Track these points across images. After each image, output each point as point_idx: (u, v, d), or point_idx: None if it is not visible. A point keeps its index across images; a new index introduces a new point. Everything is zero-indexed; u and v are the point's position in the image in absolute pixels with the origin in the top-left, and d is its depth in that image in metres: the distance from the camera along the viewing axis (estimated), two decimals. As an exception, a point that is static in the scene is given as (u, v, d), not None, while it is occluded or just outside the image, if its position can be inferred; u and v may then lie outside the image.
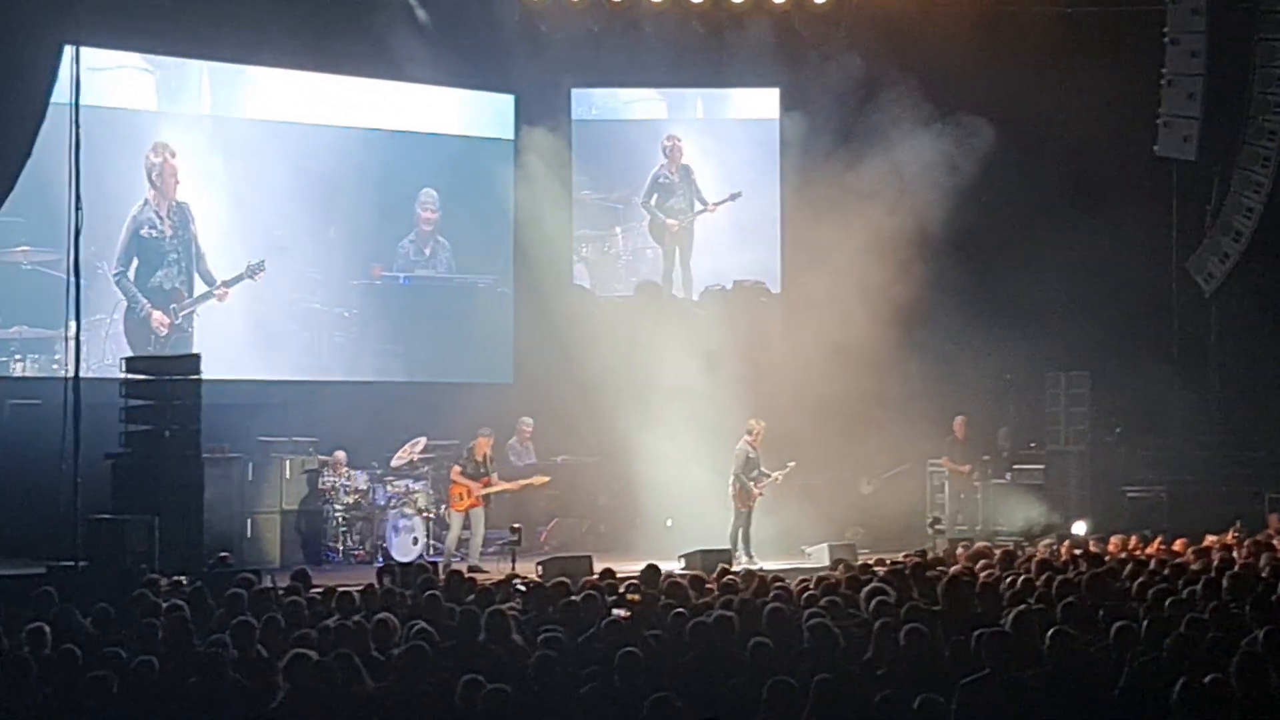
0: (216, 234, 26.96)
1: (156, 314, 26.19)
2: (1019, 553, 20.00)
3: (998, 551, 19.52)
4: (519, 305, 28.75)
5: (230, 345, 26.07)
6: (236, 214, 26.98)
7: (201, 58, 26.07)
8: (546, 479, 25.15)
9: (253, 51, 25.79)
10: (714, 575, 16.83)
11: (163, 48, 25.37)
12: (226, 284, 26.73)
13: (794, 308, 27.40)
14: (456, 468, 23.51)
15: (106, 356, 25.26)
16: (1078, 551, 19.92)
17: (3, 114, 19.76)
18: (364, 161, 28.61)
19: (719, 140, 30.05)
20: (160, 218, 26.45)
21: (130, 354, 23.79)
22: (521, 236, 28.73)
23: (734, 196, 29.50)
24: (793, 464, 24.31)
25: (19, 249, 24.99)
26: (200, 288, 26.79)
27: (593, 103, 30.23)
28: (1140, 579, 15.29)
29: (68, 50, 20.46)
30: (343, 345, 28.30)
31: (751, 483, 23.84)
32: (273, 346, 27.25)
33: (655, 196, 30.09)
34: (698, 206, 29.93)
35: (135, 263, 26.26)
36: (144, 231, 26.28)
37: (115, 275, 25.98)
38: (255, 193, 27.04)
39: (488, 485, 23.44)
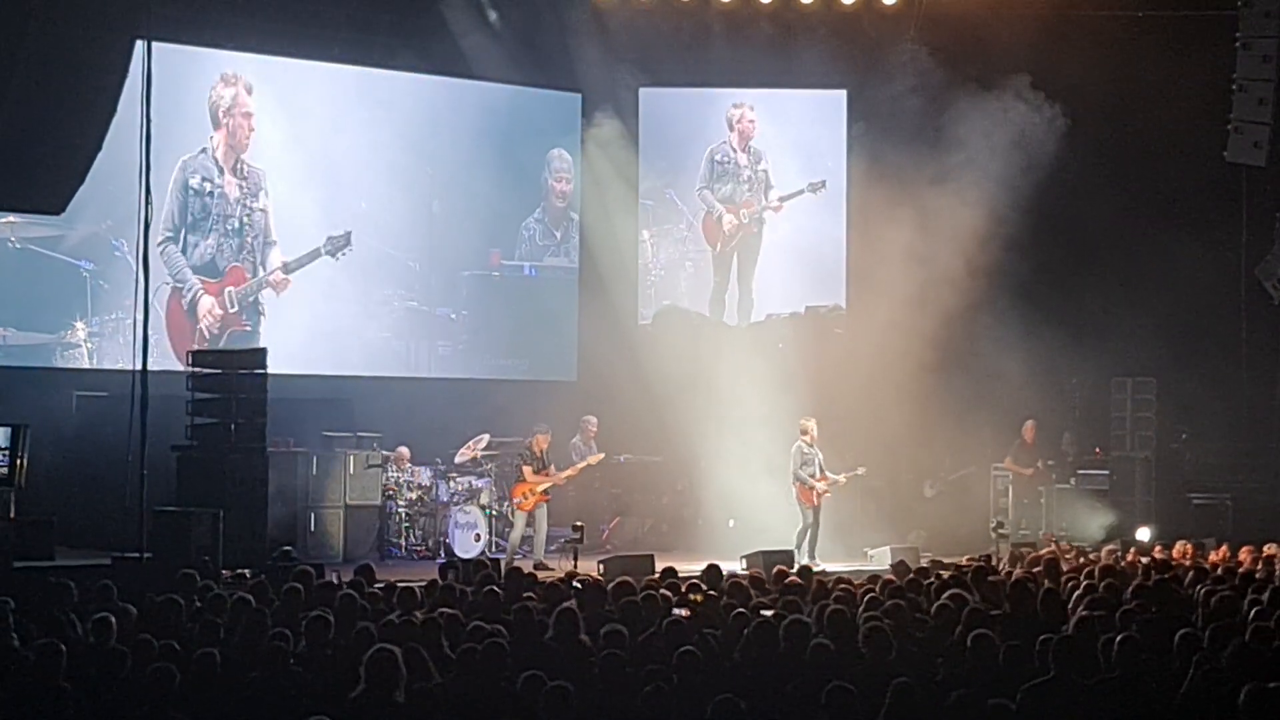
0: (282, 205, 24.32)
1: (207, 300, 23.66)
2: (1082, 558, 19.91)
3: (1061, 556, 19.43)
4: (583, 300, 28.38)
5: (294, 359, 23.89)
6: (306, 181, 24.74)
7: (273, 54, 25.30)
8: (601, 455, 24.82)
9: (325, 48, 25.66)
10: (771, 576, 16.81)
11: (235, 43, 24.83)
12: (294, 264, 24.00)
13: (860, 311, 27.27)
14: (528, 468, 23.46)
15: (121, 360, 22.04)
16: (1143, 559, 19.81)
17: (75, 109, 19.84)
18: (477, 116, 25.86)
19: (784, 135, 29.08)
20: (219, 168, 23.64)
21: (170, 353, 23.00)
22: (586, 224, 28.24)
23: (814, 187, 28.16)
24: (862, 469, 24.22)
25: (4, 220, 22.11)
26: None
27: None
28: (1205, 586, 15.20)
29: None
30: (447, 358, 25.70)
31: (812, 480, 23.73)
32: (351, 359, 24.98)
33: (712, 182, 28.17)
34: (764, 201, 28.47)
35: (183, 231, 23.24)
36: (194, 182, 23.36)
37: (160, 244, 22.94)
38: (330, 153, 24.82)
39: (549, 476, 23.41)
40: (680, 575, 16.62)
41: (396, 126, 25.71)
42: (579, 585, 15.82)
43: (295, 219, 24.78)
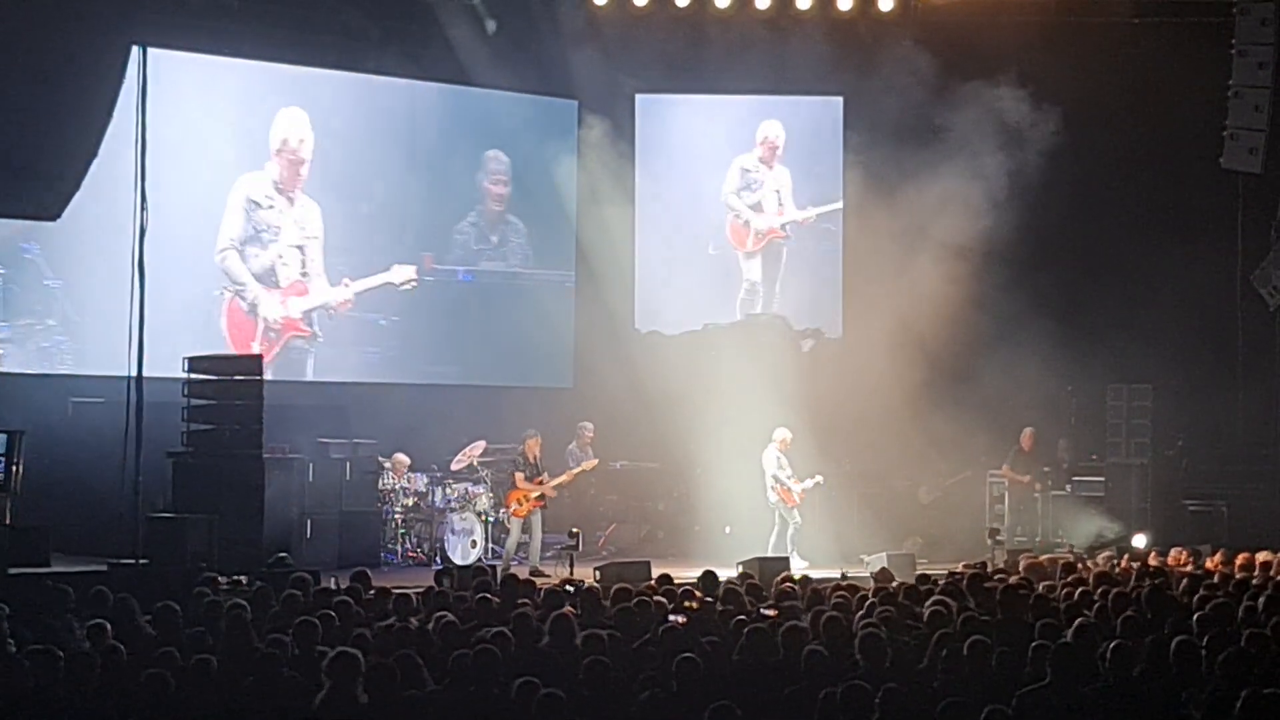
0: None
1: (270, 302, 24.04)
2: (1078, 565, 19.91)
3: (1057, 563, 19.43)
4: (580, 304, 28.27)
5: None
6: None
7: (269, 60, 25.19)
8: (595, 461, 24.87)
9: (319, 54, 25.55)
10: (772, 584, 16.80)
11: (231, 50, 24.63)
12: (361, 288, 24.43)
13: (856, 316, 27.29)
14: (520, 474, 23.46)
15: (33, 364, 22.28)
16: (1137, 564, 19.81)
17: (71, 114, 19.84)
18: (411, 117, 25.75)
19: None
20: (279, 190, 24.24)
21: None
22: (582, 230, 28.05)
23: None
24: (820, 478, 24.17)
25: None
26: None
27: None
28: (1200, 593, 15.20)
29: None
30: (375, 364, 25.65)
31: (789, 482, 23.72)
32: (279, 366, 24.69)
33: (740, 190, 28.40)
34: (792, 212, 28.55)
35: (244, 243, 23.59)
36: (256, 197, 24.01)
37: (220, 254, 23.72)
38: (250, 153, 24.57)
39: (541, 484, 23.40)
40: (676, 582, 16.59)
41: (325, 131, 25.50)
42: (573, 591, 15.82)
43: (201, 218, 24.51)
